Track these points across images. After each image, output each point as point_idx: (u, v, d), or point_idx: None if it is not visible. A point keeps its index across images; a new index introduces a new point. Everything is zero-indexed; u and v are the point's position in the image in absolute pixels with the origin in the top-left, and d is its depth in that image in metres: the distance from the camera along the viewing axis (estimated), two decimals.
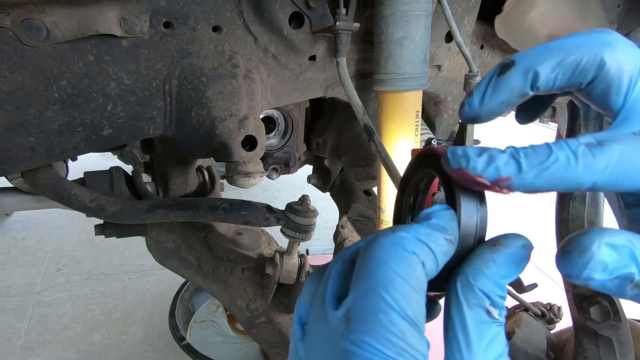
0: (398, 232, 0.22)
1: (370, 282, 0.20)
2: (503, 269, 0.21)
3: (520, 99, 0.24)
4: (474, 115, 0.25)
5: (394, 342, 0.19)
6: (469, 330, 0.20)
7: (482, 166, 0.21)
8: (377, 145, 0.56)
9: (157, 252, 0.79)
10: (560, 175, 0.20)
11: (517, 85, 0.23)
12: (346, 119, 0.95)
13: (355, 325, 0.19)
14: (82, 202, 0.64)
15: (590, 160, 0.20)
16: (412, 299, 0.20)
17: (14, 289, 2.18)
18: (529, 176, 0.20)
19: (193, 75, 0.59)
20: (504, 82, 0.23)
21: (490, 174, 0.21)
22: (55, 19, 0.48)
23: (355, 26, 0.60)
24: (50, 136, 0.54)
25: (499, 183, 0.21)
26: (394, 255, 0.21)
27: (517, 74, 0.23)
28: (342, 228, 0.95)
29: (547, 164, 0.20)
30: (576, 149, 0.20)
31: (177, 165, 0.80)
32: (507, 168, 0.21)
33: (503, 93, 0.24)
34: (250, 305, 0.73)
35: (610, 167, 0.20)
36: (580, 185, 0.20)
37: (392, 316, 0.19)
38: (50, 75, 0.51)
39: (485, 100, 0.24)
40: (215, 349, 1.55)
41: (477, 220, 0.23)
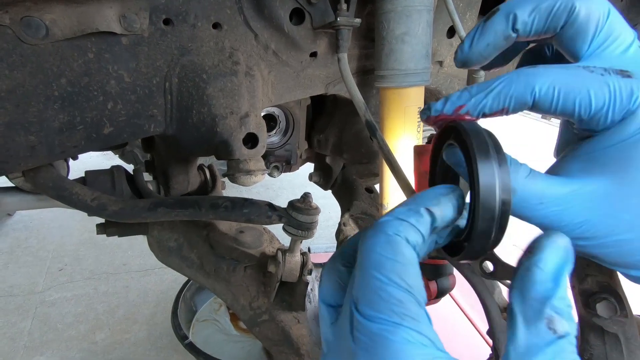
0: (382, 219, 0.24)
1: (364, 269, 0.23)
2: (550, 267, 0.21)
3: (504, 42, 0.27)
4: (464, 58, 0.28)
5: (396, 310, 0.21)
6: (522, 346, 0.20)
7: (440, 106, 0.26)
8: (380, 142, 0.55)
9: (159, 251, 0.79)
10: (505, 92, 0.24)
11: (500, 27, 0.27)
12: (347, 116, 0.95)
13: (362, 307, 0.22)
14: (84, 201, 0.64)
15: (530, 75, 0.24)
16: (402, 272, 0.22)
17: (16, 288, 2.18)
18: (479, 97, 0.25)
19: (193, 73, 0.58)
20: (489, 25, 0.27)
21: (448, 108, 0.26)
22: (54, 17, 0.48)
23: (356, 22, 0.59)
24: (50, 135, 0.53)
25: (458, 112, 0.26)
26: (378, 241, 0.23)
27: (499, 17, 0.27)
28: (344, 226, 0.94)
29: (493, 85, 0.25)
30: (518, 72, 0.24)
31: (178, 163, 0.80)
32: (460, 98, 0.26)
33: (488, 35, 0.27)
34: (252, 304, 0.72)
35: (547, 84, 0.24)
36: (525, 99, 0.24)
37: (389, 289, 0.22)
38: (50, 74, 0.51)
39: (473, 43, 0.28)
40: (218, 347, 1.55)
41: (498, 184, 0.23)
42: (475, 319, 1.68)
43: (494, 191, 0.23)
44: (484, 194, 0.23)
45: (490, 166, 0.23)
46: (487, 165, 0.23)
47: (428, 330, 0.21)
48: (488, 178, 0.23)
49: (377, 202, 1.03)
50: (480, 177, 0.23)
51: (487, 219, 0.23)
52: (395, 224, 0.23)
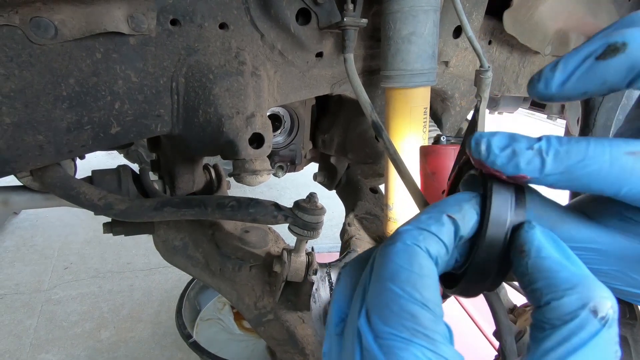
0: (401, 228, 0.23)
1: (378, 279, 0.22)
2: (555, 252, 0.20)
3: (607, 92, 0.20)
4: (546, 96, 0.21)
5: (407, 325, 0.19)
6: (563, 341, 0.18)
7: (502, 162, 0.20)
8: (386, 142, 0.55)
9: (164, 250, 0.79)
10: (586, 183, 0.19)
11: (615, 79, 0.19)
12: (352, 116, 0.94)
13: (374, 320, 0.20)
14: (91, 200, 0.64)
15: (626, 173, 0.18)
16: (418, 284, 0.20)
17: (22, 286, 2.20)
18: (551, 179, 0.20)
19: (200, 73, 0.59)
20: (603, 69, 0.19)
21: (508, 171, 0.20)
22: (63, 17, 0.48)
23: (362, 22, 0.59)
24: (58, 134, 0.54)
25: (517, 179, 0.21)
26: (395, 251, 0.22)
27: (622, 64, 0.19)
28: (349, 226, 0.94)
29: (576, 169, 0.19)
30: (618, 158, 0.18)
31: (184, 163, 0.80)
32: (529, 167, 0.20)
33: (594, 82, 0.20)
34: (257, 303, 0.72)
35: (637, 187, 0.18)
36: (608, 192, 0.19)
37: (401, 303, 0.20)
38: (58, 74, 0.51)
39: (568, 84, 0.20)
40: (222, 346, 1.56)
41: (510, 208, 0.22)
42: (479, 320, 1.67)
43: (505, 222, 0.21)
44: (493, 223, 0.21)
45: (507, 198, 0.22)
46: (503, 196, 0.22)
47: (444, 348, 0.19)
48: (501, 208, 0.21)
49: (381, 203, 1.03)
50: (494, 206, 0.21)
51: (490, 254, 0.22)
52: (415, 234, 0.22)
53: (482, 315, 1.68)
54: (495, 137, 0.21)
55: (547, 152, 0.19)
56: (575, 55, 0.20)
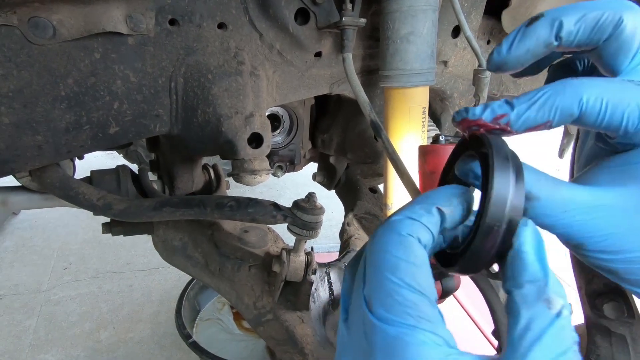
0: (393, 218, 0.24)
1: (377, 270, 0.23)
2: (529, 245, 0.22)
3: (544, 49, 0.26)
4: (501, 61, 0.27)
5: (411, 313, 0.21)
6: (524, 328, 0.20)
7: (479, 111, 0.25)
8: (385, 141, 0.55)
9: (164, 250, 0.79)
10: (550, 103, 0.23)
11: (543, 34, 0.25)
12: (352, 116, 0.95)
13: (376, 309, 0.22)
14: (90, 200, 0.64)
15: (576, 87, 0.23)
16: (416, 274, 0.22)
17: (21, 287, 2.20)
18: (522, 108, 0.24)
19: (199, 73, 0.59)
20: (532, 30, 0.25)
21: (487, 115, 0.24)
22: (61, 17, 0.48)
23: (361, 22, 0.59)
24: (57, 134, 0.54)
25: (498, 121, 0.24)
26: (390, 241, 0.23)
27: (544, 23, 0.25)
28: (348, 226, 0.94)
29: (537, 96, 0.24)
30: (563, 82, 0.23)
31: (183, 163, 0.80)
32: (501, 108, 0.24)
33: (530, 40, 0.25)
34: (257, 303, 0.72)
35: (595, 95, 0.23)
36: (571, 111, 0.23)
37: (403, 293, 0.22)
38: (57, 74, 0.51)
39: (512, 47, 0.26)
40: (222, 346, 1.56)
41: (510, 199, 0.23)
42: (478, 319, 1.68)
43: (504, 206, 0.23)
44: (494, 206, 0.22)
45: (507, 182, 0.23)
46: (503, 179, 0.23)
47: (442, 330, 0.21)
48: (502, 191, 0.23)
49: (380, 202, 1.03)
50: (495, 189, 0.22)
51: (491, 233, 0.23)
52: (407, 224, 0.23)
53: (481, 314, 1.69)
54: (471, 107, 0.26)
55: (511, 98, 0.24)
56: (512, 31, 0.27)
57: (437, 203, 0.24)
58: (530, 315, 0.21)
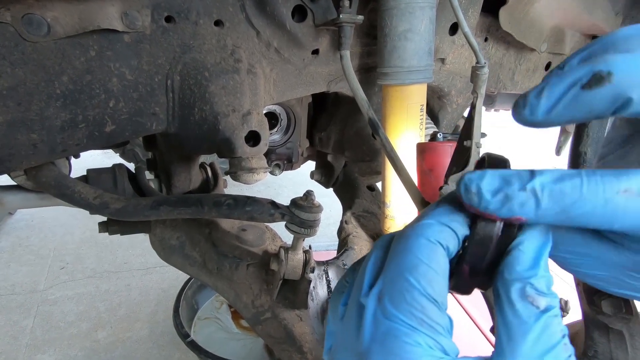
0: (423, 220, 0.24)
1: (397, 267, 0.23)
2: (530, 248, 0.22)
3: (593, 119, 0.20)
4: (532, 123, 0.21)
5: (416, 315, 0.22)
6: (511, 328, 0.21)
7: (495, 207, 0.21)
8: (383, 139, 0.55)
9: (161, 249, 0.78)
10: (583, 222, 0.20)
11: (601, 108, 0.19)
12: (349, 114, 0.94)
13: (385, 302, 0.23)
14: (86, 199, 0.64)
15: (621, 210, 0.19)
16: (433, 280, 0.22)
17: (18, 287, 2.19)
18: (546, 220, 0.20)
19: (195, 71, 0.58)
20: (589, 98, 0.19)
21: (502, 214, 0.21)
22: (56, 14, 0.48)
23: (359, 19, 0.59)
24: (52, 133, 0.53)
25: (512, 220, 0.21)
26: (417, 244, 0.23)
27: (608, 94, 0.18)
28: (346, 224, 0.94)
29: (571, 210, 0.19)
30: (611, 199, 0.19)
31: (180, 161, 0.80)
32: (523, 210, 0.20)
33: (580, 111, 0.19)
34: (255, 302, 0.72)
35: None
36: (601, 226, 0.20)
37: (414, 294, 0.22)
38: (51, 71, 0.50)
39: (554, 111, 0.20)
40: (220, 345, 1.56)
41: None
42: (476, 316, 1.68)
43: (492, 226, 0.22)
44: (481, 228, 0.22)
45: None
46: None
47: (443, 339, 0.22)
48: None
49: (378, 200, 1.03)
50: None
51: (481, 252, 0.23)
52: (437, 229, 0.23)
53: (479, 311, 1.69)
54: (485, 180, 0.21)
55: (542, 193, 0.20)
56: (560, 82, 0.20)
57: (464, 213, 0.24)
58: (516, 313, 0.21)
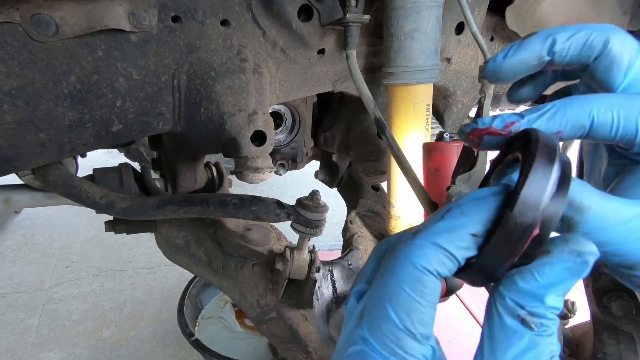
0: (415, 240, 0.22)
1: (379, 292, 0.23)
2: (545, 280, 0.20)
3: (537, 61, 0.27)
4: (496, 69, 0.28)
5: (389, 345, 0.21)
6: (495, 339, 0.20)
7: (489, 120, 0.25)
8: (389, 139, 0.55)
9: (167, 248, 0.79)
10: (560, 115, 0.23)
11: (537, 47, 0.27)
12: (354, 114, 0.94)
13: (364, 324, 0.23)
14: (93, 198, 0.64)
15: (584, 100, 0.23)
16: (414, 311, 0.21)
17: (24, 285, 2.20)
18: (532, 117, 0.24)
19: (202, 70, 0.58)
20: (526, 43, 0.27)
21: (498, 123, 0.25)
22: (64, 14, 0.48)
23: (365, 18, 0.59)
24: (60, 132, 0.54)
25: (509, 128, 0.24)
26: (402, 271, 0.22)
27: (537, 38, 0.27)
28: (350, 224, 0.94)
29: (546, 108, 0.24)
30: (570, 97, 0.24)
31: (186, 161, 0.80)
32: (512, 117, 0.25)
33: (524, 52, 0.27)
34: (260, 301, 0.72)
35: (604, 107, 0.23)
36: (581, 122, 0.23)
37: (390, 326, 0.22)
38: (59, 71, 0.51)
39: (507, 57, 0.27)
40: (224, 344, 1.56)
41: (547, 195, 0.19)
42: (480, 317, 1.67)
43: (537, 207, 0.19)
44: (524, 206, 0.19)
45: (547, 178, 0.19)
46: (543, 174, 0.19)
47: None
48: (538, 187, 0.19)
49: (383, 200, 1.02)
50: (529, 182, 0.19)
51: (513, 238, 0.20)
52: (429, 253, 0.21)
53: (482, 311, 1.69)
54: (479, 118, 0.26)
55: (521, 111, 0.25)
56: (511, 44, 0.28)
57: (473, 227, 0.21)
58: (503, 326, 0.20)
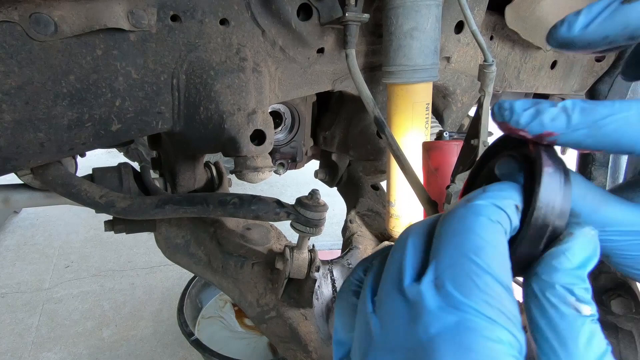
0: (475, 201, 0.21)
1: (459, 249, 0.20)
2: (577, 258, 0.20)
3: (627, 40, 0.21)
4: (568, 39, 0.21)
5: (492, 305, 0.18)
6: (561, 331, 0.19)
7: (525, 120, 0.20)
8: (388, 137, 0.55)
9: (166, 248, 0.79)
10: (616, 138, 0.19)
11: (637, 22, 0.20)
12: (354, 113, 0.94)
13: (449, 289, 0.19)
14: (92, 198, 0.64)
15: None
16: (503, 264, 0.19)
17: (23, 285, 2.20)
18: (578, 135, 0.20)
19: (201, 69, 0.58)
20: (627, 12, 0.20)
21: (533, 129, 0.20)
22: (63, 13, 0.48)
23: (364, 17, 0.59)
24: (59, 132, 0.53)
25: (543, 138, 0.20)
26: (479, 223, 0.20)
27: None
28: (350, 223, 0.94)
29: (603, 123, 0.19)
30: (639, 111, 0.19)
31: (185, 160, 0.80)
32: (554, 124, 0.20)
33: (617, 26, 0.20)
34: (260, 301, 0.72)
35: None
36: (632, 149, 0.19)
37: (487, 279, 0.19)
38: (58, 71, 0.51)
39: (591, 26, 0.20)
40: (224, 344, 1.56)
41: (556, 206, 0.21)
42: None
43: (552, 210, 0.20)
44: (542, 209, 0.20)
45: (557, 185, 0.20)
46: (553, 182, 0.20)
47: (520, 334, 0.19)
48: (551, 194, 0.20)
49: (383, 199, 1.02)
50: (543, 191, 0.20)
51: (534, 237, 0.21)
52: (495, 211, 0.20)
53: None
54: (518, 100, 0.21)
55: (573, 109, 0.20)
56: (600, 2, 0.20)
57: (516, 199, 0.21)
58: (563, 316, 0.19)
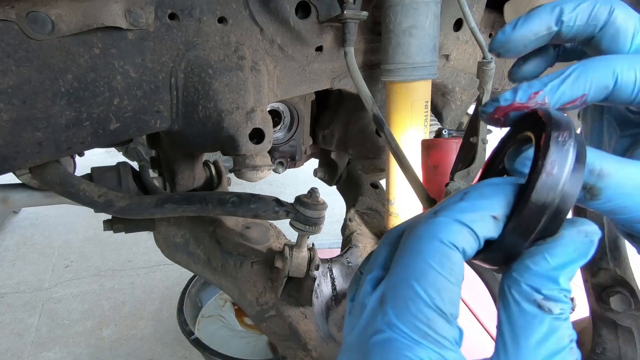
0: (438, 218, 0.21)
1: (404, 272, 0.21)
2: (556, 261, 0.20)
3: (546, 32, 0.26)
4: (505, 40, 0.27)
5: (420, 328, 0.20)
6: (517, 328, 0.20)
7: (510, 95, 0.24)
8: (387, 135, 0.55)
9: (165, 247, 0.79)
10: (584, 76, 0.23)
11: (545, 17, 0.26)
12: (353, 111, 0.94)
13: (387, 309, 0.21)
14: (91, 197, 0.64)
15: (607, 60, 0.23)
16: (443, 289, 0.20)
17: (23, 285, 2.20)
18: (555, 83, 0.23)
19: (199, 68, 0.58)
20: (535, 14, 0.26)
21: (521, 96, 0.23)
22: (60, 12, 0.48)
23: (363, 15, 0.59)
24: (57, 131, 0.53)
25: (533, 99, 0.23)
26: (429, 248, 0.21)
27: (545, 8, 0.26)
28: (350, 221, 0.94)
29: (568, 71, 0.23)
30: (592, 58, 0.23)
31: (184, 159, 0.80)
32: (533, 86, 0.23)
33: (533, 22, 0.26)
34: (259, 299, 0.72)
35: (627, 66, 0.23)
36: (606, 82, 0.23)
37: (420, 305, 0.20)
38: (56, 69, 0.50)
39: (516, 27, 0.26)
40: (224, 343, 1.56)
41: (565, 174, 0.20)
42: (480, 314, 1.68)
43: (556, 187, 0.19)
44: (543, 188, 0.19)
45: (565, 157, 0.19)
46: (560, 153, 0.19)
47: (450, 353, 0.20)
48: (557, 167, 0.19)
49: (382, 198, 1.02)
50: (548, 163, 0.19)
51: (532, 218, 0.20)
52: (455, 230, 0.21)
53: (483, 310, 1.69)
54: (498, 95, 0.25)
55: (541, 77, 0.24)
56: (516, 18, 0.27)
57: (493, 209, 0.21)
58: (522, 312, 0.20)
